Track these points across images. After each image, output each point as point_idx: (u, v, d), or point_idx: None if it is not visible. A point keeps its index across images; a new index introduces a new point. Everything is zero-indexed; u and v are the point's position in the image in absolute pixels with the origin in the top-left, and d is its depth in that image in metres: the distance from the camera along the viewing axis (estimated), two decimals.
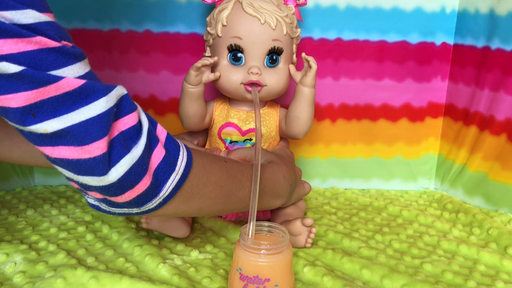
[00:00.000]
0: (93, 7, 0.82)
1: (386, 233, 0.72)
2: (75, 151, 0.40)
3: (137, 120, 0.45)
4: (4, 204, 0.78)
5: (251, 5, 0.66)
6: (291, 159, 0.71)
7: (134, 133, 0.44)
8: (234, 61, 0.67)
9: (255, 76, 0.66)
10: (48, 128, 0.39)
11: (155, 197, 0.47)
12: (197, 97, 0.67)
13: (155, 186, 0.46)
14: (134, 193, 0.45)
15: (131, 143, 0.44)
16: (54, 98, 0.39)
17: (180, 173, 0.48)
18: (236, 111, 0.71)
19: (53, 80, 0.39)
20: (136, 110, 0.45)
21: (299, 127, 0.70)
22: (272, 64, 0.68)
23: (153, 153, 0.46)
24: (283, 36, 0.67)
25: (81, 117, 0.40)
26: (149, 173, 0.45)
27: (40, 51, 0.38)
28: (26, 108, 0.38)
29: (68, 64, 0.40)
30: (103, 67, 0.84)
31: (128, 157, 0.43)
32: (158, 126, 0.48)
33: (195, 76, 0.65)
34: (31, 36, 0.37)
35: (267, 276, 0.49)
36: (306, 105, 0.68)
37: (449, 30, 0.86)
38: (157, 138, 0.47)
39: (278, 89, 0.69)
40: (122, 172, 0.43)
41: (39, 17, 0.38)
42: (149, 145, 0.45)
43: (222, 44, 0.68)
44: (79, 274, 0.54)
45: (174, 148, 0.48)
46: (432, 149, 0.93)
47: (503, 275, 0.61)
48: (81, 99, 0.40)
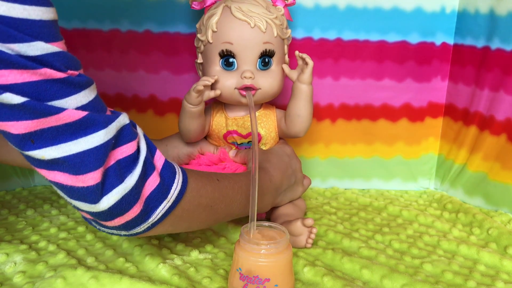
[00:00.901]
0: (93, 7, 0.82)
1: (386, 233, 0.72)
2: (70, 179, 0.41)
3: (135, 148, 0.46)
4: (4, 204, 0.78)
5: (240, 10, 0.65)
6: (289, 157, 0.71)
7: (130, 162, 0.45)
8: (227, 67, 0.67)
9: (248, 80, 0.66)
10: (45, 155, 0.40)
11: (144, 223, 0.48)
12: (198, 115, 0.67)
13: (145, 213, 0.47)
14: (123, 219, 0.46)
15: (126, 172, 0.44)
16: (54, 128, 0.40)
17: (172, 200, 0.49)
18: (233, 119, 0.71)
19: (55, 112, 0.39)
20: (135, 139, 0.46)
21: (300, 125, 0.70)
22: (264, 67, 0.68)
23: (147, 181, 0.46)
24: (274, 38, 0.67)
25: (78, 148, 0.41)
26: (141, 201, 0.46)
27: (45, 82, 0.39)
28: (26, 135, 0.39)
29: (72, 94, 0.41)
30: (103, 67, 0.84)
31: (120, 187, 0.44)
32: (157, 153, 0.49)
33: (196, 97, 0.65)
34: (36, 68, 0.38)
35: (267, 276, 0.49)
36: (305, 102, 0.69)
37: (449, 30, 0.86)
38: (153, 166, 0.47)
39: (273, 91, 0.69)
40: (114, 201, 0.44)
41: (47, 49, 0.39)
42: (144, 173, 0.46)
43: (213, 50, 0.67)
44: (79, 274, 0.54)
45: (170, 175, 0.49)
46: (432, 149, 0.93)
47: (503, 275, 0.61)
48: (80, 130, 0.41)
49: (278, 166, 0.68)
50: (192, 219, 0.53)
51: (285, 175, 0.69)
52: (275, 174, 0.67)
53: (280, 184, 0.67)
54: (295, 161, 0.73)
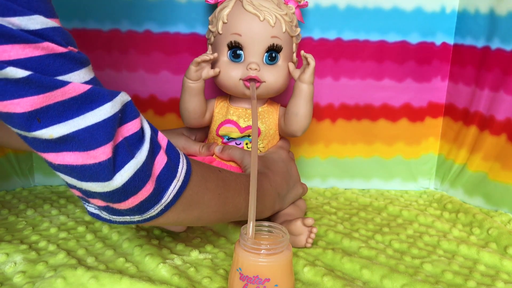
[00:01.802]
0: (93, 7, 0.82)
1: (386, 233, 0.72)
2: (80, 157, 0.40)
3: (140, 126, 0.45)
4: (4, 204, 0.78)
5: (251, 3, 0.67)
6: (284, 162, 0.71)
7: (137, 139, 0.44)
8: (234, 58, 0.68)
9: (253, 72, 0.67)
10: (53, 134, 0.39)
11: (157, 204, 0.47)
12: (196, 93, 0.68)
13: (157, 192, 0.46)
14: (137, 199, 0.45)
15: (134, 149, 0.44)
16: (60, 103, 0.39)
17: (181, 180, 0.48)
18: (235, 108, 0.71)
19: (60, 85, 0.39)
20: (138, 117, 0.46)
21: (297, 124, 0.70)
22: (271, 62, 0.69)
23: (156, 159, 0.46)
24: (282, 34, 0.68)
25: (86, 122, 0.40)
26: (152, 179, 0.45)
27: (47, 56, 0.38)
28: (32, 113, 0.38)
29: (75, 70, 0.40)
30: (103, 67, 0.84)
31: (132, 162, 0.43)
32: (159, 134, 0.49)
33: (195, 71, 0.66)
34: (38, 42, 0.37)
35: (267, 276, 0.49)
36: (304, 101, 0.69)
37: (449, 30, 0.86)
38: (159, 144, 0.47)
39: (277, 86, 0.70)
40: (127, 177, 0.43)
41: (46, 23, 0.38)
42: (152, 151, 0.46)
43: (222, 41, 0.68)
44: (79, 274, 0.54)
45: (175, 155, 0.49)
46: (432, 149, 0.93)
47: (503, 275, 0.61)
48: (86, 104, 0.40)
49: (277, 171, 0.68)
50: (202, 206, 0.52)
51: (284, 179, 0.69)
52: (275, 178, 0.67)
53: (281, 189, 0.67)
54: (291, 165, 0.72)
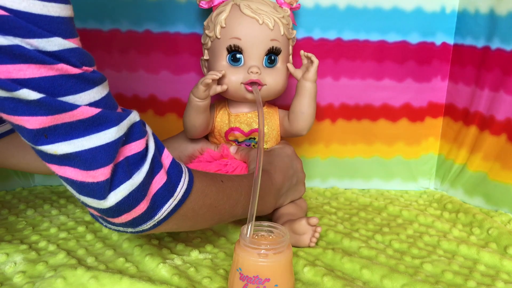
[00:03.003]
0: (93, 7, 0.82)
1: (386, 233, 0.72)
2: (80, 174, 0.42)
3: (144, 146, 0.47)
4: (4, 204, 0.78)
5: (249, 7, 0.67)
6: (289, 158, 0.72)
7: (138, 159, 0.46)
8: (233, 62, 0.68)
9: (255, 75, 0.67)
10: (58, 150, 0.41)
11: (150, 220, 0.48)
12: (204, 110, 0.68)
13: (151, 210, 0.48)
14: (130, 216, 0.46)
15: (133, 169, 0.45)
16: (67, 123, 0.41)
17: (178, 199, 0.49)
18: (236, 115, 0.71)
19: (69, 109, 0.40)
20: (144, 137, 0.47)
21: (304, 123, 0.71)
22: (270, 64, 0.69)
23: (154, 179, 0.47)
24: (280, 37, 0.69)
25: (90, 144, 0.42)
26: (147, 198, 0.47)
27: (61, 77, 0.40)
28: (40, 130, 0.40)
29: (85, 90, 0.42)
30: (103, 67, 0.84)
31: (128, 183, 0.44)
32: (165, 151, 0.49)
33: (203, 91, 0.65)
34: (53, 63, 0.39)
35: (267, 276, 0.49)
36: (310, 100, 0.70)
37: (449, 30, 0.86)
38: (161, 164, 0.48)
39: (278, 89, 0.70)
40: (121, 197, 0.44)
41: (64, 45, 0.40)
42: (152, 171, 0.47)
43: (221, 45, 0.68)
44: (79, 274, 0.54)
45: (177, 173, 0.50)
46: (432, 149, 0.93)
47: (503, 275, 0.61)
48: (93, 127, 0.42)
49: (280, 168, 0.68)
50: (197, 218, 0.53)
51: (286, 176, 0.69)
52: (277, 176, 0.67)
53: (281, 186, 0.68)
54: (296, 162, 0.73)
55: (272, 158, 0.69)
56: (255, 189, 0.53)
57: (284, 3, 0.73)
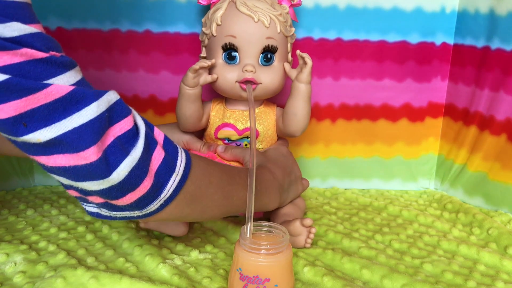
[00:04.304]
0: (93, 7, 0.82)
1: (386, 233, 0.72)
2: (71, 158, 0.40)
3: (133, 123, 0.45)
4: (4, 204, 0.78)
5: (244, 4, 0.66)
6: (285, 157, 0.71)
7: (131, 137, 0.44)
8: (229, 60, 0.68)
9: (249, 74, 0.67)
10: (41, 138, 0.39)
11: (156, 199, 0.47)
12: (194, 99, 0.67)
13: (156, 187, 0.46)
14: (135, 195, 0.45)
15: (129, 146, 0.44)
16: (44, 106, 0.38)
17: (180, 174, 0.48)
18: (232, 111, 0.71)
19: (41, 87, 0.38)
20: (130, 114, 0.45)
21: (296, 125, 0.70)
22: (266, 63, 0.68)
23: (152, 155, 0.46)
24: (277, 34, 0.68)
25: (73, 124, 0.40)
26: (150, 175, 0.45)
27: (27, 62, 0.37)
28: (17, 117, 0.38)
29: (58, 74, 0.40)
30: (103, 67, 0.84)
31: (128, 160, 0.43)
32: (155, 129, 0.48)
33: (192, 78, 0.65)
34: (16, 48, 0.37)
35: (267, 276, 0.49)
36: (302, 101, 0.69)
37: (449, 30, 0.86)
38: (155, 140, 0.47)
39: (273, 87, 0.69)
40: (124, 175, 0.43)
41: (24, 29, 0.38)
42: (148, 147, 0.45)
43: (216, 43, 0.68)
44: (79, 274, 0.54)
45: (173, 150, 0.49)
46: (432, 149, 0.93)
47: (503, 275, 0.61)
48: (71, 106, 0.40)
49: (278, 165, 0.68)
50: (206, 200, 0.52)
51: (285, 172, 0.69)
52: (277, 172, 0.67)
53: (283, 181, 0.67)
54: (292, 161, 0.73)
55: (268, 157, 0.69)
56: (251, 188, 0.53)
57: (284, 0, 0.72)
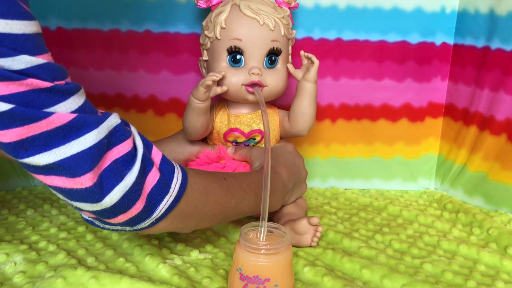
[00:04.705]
0: (93, 7, 0.82)
1: (386, 233, 0.72)
2: (67, 182, 0.42)
3: (131, 146, 0.46)
4: (4, 204, 0.78)
5: (249, 7, 0.66)
6: (290, 154, 0.72)
7: (128, 160, 0.45)
8: (234, 63, 0.68)
9: (256, 77, 0.67)
10: (40, 161, 0.40)
11: (148, 218, 0.48)
12: (204, 111, 0.67)
13: (148, 208, 0.47)
14: (127, 216, 0.46)
15: (124, 170, 0.45)
16: (45, 133, 0.40)
17: (174, 195, 0.49)
18: (236, 116, 0.71)
19: (44, 116, 0.39)
20: (130, 137, 0.46)
21: (305, 123, 0.71)
22: (271, 65, 0.69)
23: (147, 177, 0.47)
24: (281, 37, 0.68)
25: (72, 151, 0.41)
26: (143, 197, 0.46)
27: (32, 91, 0.39)
28: (18, 142, 0.39)
29: (60, 101, 0.41)
30: (103, 67, 0.84)
31: (121, 185, 0.44)
32: (154, 149, 0.49)
33: (204, 92, 0.65)
34: (21, 79, 0.38)
35: (267, 276, 0.49)
36: (310, 100, 0.70)
37: (449, 30, 0.86)
38: (151, 161, 0.47)
39: (278, 89, 0.70)
40: (116, 199, 0.44)
41: (31, 62, 0.39)
42: (144, 169, 0.46)
43: (221, 46, 0.68)
44: (79, 274, 0.54)
45: (169, 170, 0.49)
46: (432, 149, 0.93)
47: (503, 275, 0.61)
48: (72, 133, 0.41)
49: (284, 164, 0.68)
50: (201, 216, 0.53)
51: (291, 172, 0.69)
52: (282, 172, 0.67)
53: (287, 181, 0.67)
54: (298, 158, 0.73)
55: (275, 155, 0.69)
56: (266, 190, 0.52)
57: (283, 2, 0.72)
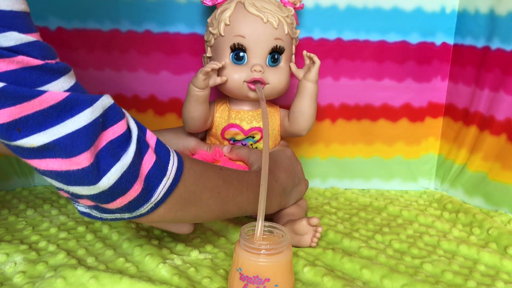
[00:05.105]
0: (93, 7, 0.82)
1: (386, 233, 0.72)
2: (63, 163, 0.41)
3: (126, 127, 0.45)
4: (4, 204, 0.78)
5: (253, 5, 0.67)
6: (289, 159, 0.71)
7: (123, 141, 0.44)
8: (237, 60, 0.68)
9: (258, 74, 0.67)
10: (34, 143, 0.39)
11: (147, 202, 0.47)
12: (203, 100, 0.67)
13: (146, 191, 0.46)
14: (125, 199, 0.45)
15: (120, 151, 0.44)
16: (38, 112, 0.39)
17: (172, 178, 0.48)
18: (237, 111, 0.71)
19: (36, 95, 0.39)
20: (124, 118, 0.45)
21: (304, 123, 0.71)
22: (273, 63, 0.69)
23: (144, 159, 0.46)
24: (284, 36, 0.69)
25: (67, 130, 0.40)
26: (140, 179, 0.45)
27: (23, 69, 0.38)
28: (11, 123, 0.38)
29: (52, 80, 0.40)
30: (103, 67, 0.84)
31: (118, 165, 0.43)
32: (148, 132, 0.48)
33: (203, 80, 0.65)
34: (12, 56, 0.37)
35: (267, 276, 0.49)
36: (310, 100, 0.70)
37: (449, 30, 0.86)
38: (147, 143, 0.47)
39: (280, 88, 0.70)
40: (113, 180, 0.43)
41: (21, 39, 0.38)
42: (139, 151, 0.45)
43: (224, 43, 0.68)
44: (79, 274, 0.54)
45: (165, 153, 0.49)
46: (432, 149, 0.93)
47: (503, 275, 0.61)
48: (66, 112, 0.40)
49: (282, 167, 0.68)
50: (200, 205, 0.52)
51: (290, 175, 0.69)
52: (280, 175, 0.67)
53: (286, 185, 0.67)
54: (296, 163, 0.73)
55: (274, 158, 0.69)
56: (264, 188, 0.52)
57: (288, 2, 0.73)
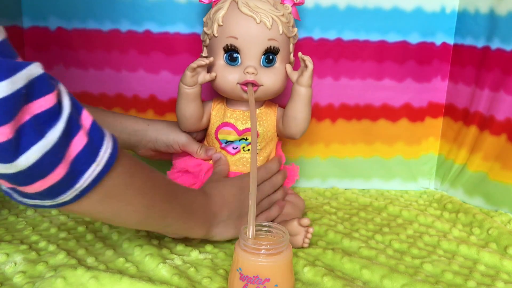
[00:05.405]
0: (93, 7, 0.82)
1: (386, 233, 0.72)
2: None
3: (55, 102, 0.40)
4: (4, 204, 0.78)
5: (246, 5, 0.65)
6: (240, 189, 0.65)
7: (49, 117, 0.39)
8: (230, 61, 0.67)
9: (251, 76, 0.66)
10: None
11: (71, 189, 0.42)
12: (193, 98, 0.67)
13: (71, 176, 0.41)
14: (45, 183, 0.40)
15: (46, 127, 0.39)
16: None
17: (102, 164, 0.43)
18: (232, 110, 0.71)
19: None
20: (53, 92, 0.40)
21: (296, 127, 0.69)
22: (268, 64, 0.68)
23: (73, 141, 0.41)
24: (279, 36, 0.67)
25: None
26: (66, 162, 0.40)
27: None
28: None
29: None
30: (103, 67, 0.84)
31: (41, 143, 0.38)
32: (84, 112, 0.43)
33: (190, 77, 0.65)
34: None
35: (267, 276, 0.49)
36: (302, 104, 0.68)
37: (449, 30, 0.86)
38: (79, 124, 0.42)
39: (275, 89, 0.69)
40: (33, 160, 0.38)
41: None
42: (69, 131, 0.40)
43: (218, 44, 0.68)
44: (79, 274, 0.54)
45: (99, 136, 0.43)
46: (432, 149, 0.93)
47: (503, 275, 0.61)
48: None
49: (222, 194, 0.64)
50: (124, 201, 0.48)
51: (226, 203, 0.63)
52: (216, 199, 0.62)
53: (220, 211, 0.62)
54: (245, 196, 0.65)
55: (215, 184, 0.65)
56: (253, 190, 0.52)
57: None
